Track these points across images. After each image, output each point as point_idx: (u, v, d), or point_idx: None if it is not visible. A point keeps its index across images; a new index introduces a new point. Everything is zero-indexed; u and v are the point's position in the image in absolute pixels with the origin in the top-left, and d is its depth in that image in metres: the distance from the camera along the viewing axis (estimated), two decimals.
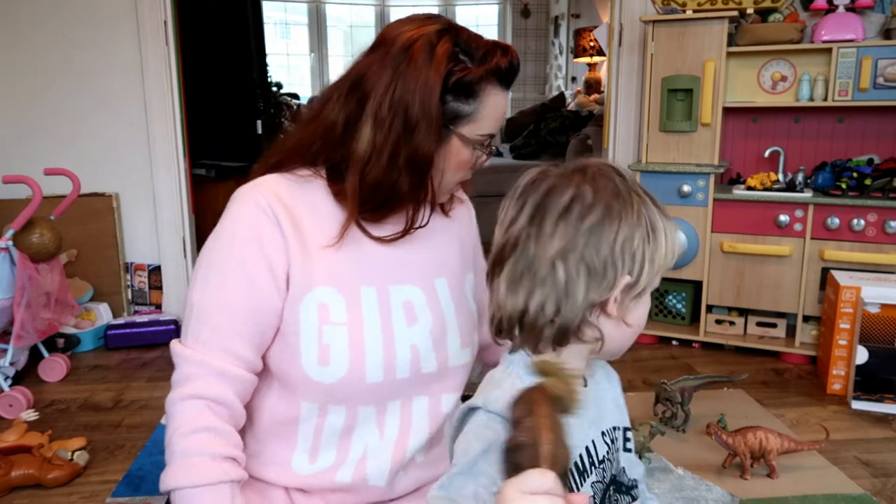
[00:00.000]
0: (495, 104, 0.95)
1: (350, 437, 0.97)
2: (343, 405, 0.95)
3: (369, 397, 0.96)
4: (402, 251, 1.00)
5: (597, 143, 4.05)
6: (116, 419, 2.14)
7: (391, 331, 0.96)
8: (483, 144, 0.96)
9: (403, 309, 0.98)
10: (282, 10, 7.29)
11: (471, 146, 0.95)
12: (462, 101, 0.93)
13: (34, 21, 2.88)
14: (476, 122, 0.94)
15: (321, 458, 0.97)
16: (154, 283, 3.07)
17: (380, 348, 0.95)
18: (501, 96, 0.96)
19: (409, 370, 0.97)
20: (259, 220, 0.93)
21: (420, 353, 0.98)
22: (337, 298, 0.94)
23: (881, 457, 1.87)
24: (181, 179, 3.01)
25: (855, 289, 2.20)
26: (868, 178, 2.42)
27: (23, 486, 1.74)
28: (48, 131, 2.95)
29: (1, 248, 2.22)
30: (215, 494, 0.86)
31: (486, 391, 0.70)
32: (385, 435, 0.98)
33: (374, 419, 0.98)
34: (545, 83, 6.86)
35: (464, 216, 1.14)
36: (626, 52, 2.94)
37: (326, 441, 0.97)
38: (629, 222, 0.68)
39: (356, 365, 0.93)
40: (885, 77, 2.36)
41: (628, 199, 0.69)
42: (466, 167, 0.98)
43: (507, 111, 1.03)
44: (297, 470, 0.97)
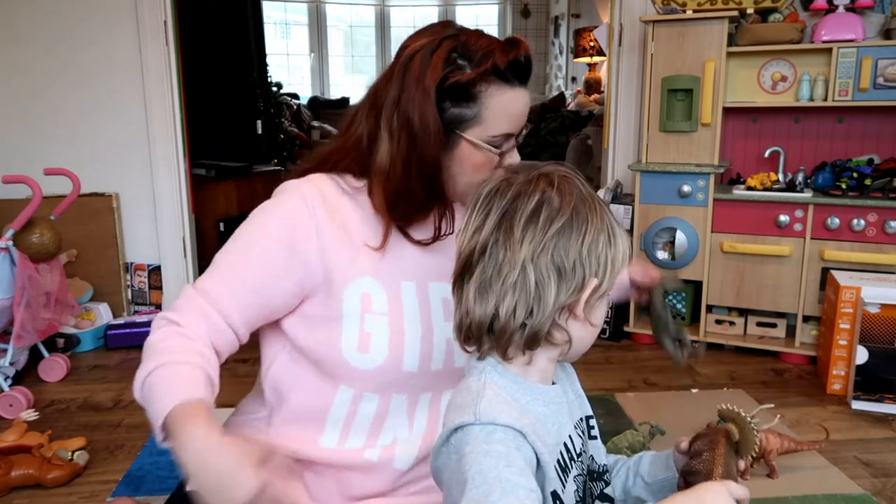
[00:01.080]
0: (503, 104, 0.94)
1: (381, 426, 1.00)
2: (377, 393, 0.98)
3: (403, 386, 0.99)
4: (441, 253, 1.01)
5: (597, 143, 4.05)
6: (116, 419, 2.14)
7: (430, 323, 0.99)
8: (497, 146, 0.95)
9: (442, 305, 1.01)
10: (282, 10, 7.29)
11: (483, 149, 0.95)
12: (463, 106, 0.93)
13: (34, 21, 2.88)
14: (482, 124, 0.94)
15: (352, 439, 1.00)
16: (154, 283, 3.07)
17: (418, 339, 0.98)
18: (511, 94, 0.95)
19: (443, 363, 1.00)
20: (299, 211, 0.96)
21: (454, 347, 0.99)
22: (378, 291, 0.97)
23: (881, 457, 1.87)
24: (181, 179, 3.01)
25: (855, 289, 2.20)
26: (868, 178, 2.42)
27: (23, 486, 1.74)
28: (48, 131, 2.95)
29: (1, 248, 2.22)
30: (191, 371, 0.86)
31: (470, 406, 0.69)
32: (414, 427, 1.01)
33: (405, 410, 1.01)
34: (545, 83, 6.86)
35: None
36: (626, 52, 2.94)
37: (357, 428, 1.00)
38: (595, 226, 0.70)
39: (395, 353, 0.96)
40: (885, 77, 2.36)
41: (592, 204, 0.71)
42: (486, 168, 0.96)
43: (526, 107, 0.99)
44: (324, 446, 1.00)
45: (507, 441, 0.66)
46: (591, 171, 4.28)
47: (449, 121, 0.93)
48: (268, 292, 0.95)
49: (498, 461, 0.64)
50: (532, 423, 0.70)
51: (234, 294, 0.94)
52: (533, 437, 0.68)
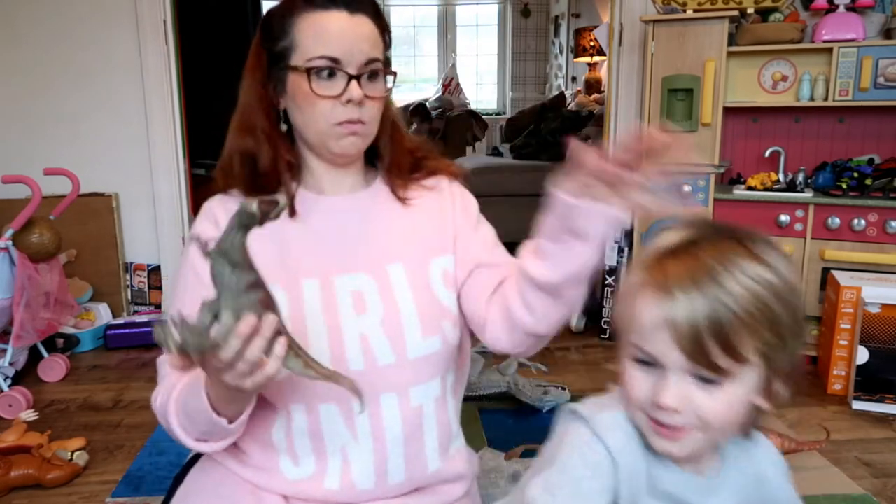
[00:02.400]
0: (312, 25, 0.95)
1: (322, 439, 0.96)
2: (302, 403, 0.95)
3: (326, 395, 0.93)
4: (349, 239, 1.00)
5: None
6: (116, 419, 2.14)
7: (337, 322, 0.95)
8: (320, 71, 0.94)
9: (352, 298, 0.97)
10: None
11: (301, 73, 0.95)
12: (280, 41, 0.97)
13: (34, 21, 2.87)
14: (297, 49, 0.96)
15: (303, 463, 0.97)
16: (154, 283, 3.06)
17: (325, 340, 0.94)
18: (322, 15, 0.95)
19: (362, 362, 0.95)
20: (208, 230, 0.99)
21: (371, 343, 0.95)
22: (278, 294, 0.91)
23: (881, 457, 1.87)
24: (181, 179, 3.01)
25: (855, 289, 2.20)
26: (868, 178, 2.42)
27: (22, 487, 1.74)
28: (48, 131, 2.95)
29: (0, 248, 2.22)
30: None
31: (596, 407, 0.70)
32: (358, 436, 0.96)
33: (340, 420, 0.95)
34: (545, 83, 6.86)
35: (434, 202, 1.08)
36: (627, 52, 2.94)
37: (300, 443, 0.97)
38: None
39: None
40: (885, 77, 2.36)
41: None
42: (320, 100, 0.95)
43: (347, 30, 0.95)
44: (287, 475, 0.97)
45: (606, 457, 0.66)
46: None
47: (274, 62, 0.98)
48: None
49: (585, 470, 0.65)
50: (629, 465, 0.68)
51: None
52: (625, 475, 0.67)
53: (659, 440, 0.67)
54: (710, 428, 0.65)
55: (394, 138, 1.08)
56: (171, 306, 0.99)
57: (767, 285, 0.62)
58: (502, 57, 6.97)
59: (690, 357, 0.62)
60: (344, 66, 0.94)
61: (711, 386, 0.63)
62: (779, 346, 0.63)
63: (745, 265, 0.63)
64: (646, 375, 0.66)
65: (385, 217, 1.04)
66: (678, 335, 0.62)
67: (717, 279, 0.62)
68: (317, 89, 0.94)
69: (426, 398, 1.00)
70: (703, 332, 0.61)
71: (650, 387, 0.65)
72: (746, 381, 0.64)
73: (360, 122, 0.97)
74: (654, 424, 0.66)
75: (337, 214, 1.03)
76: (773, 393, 0.67)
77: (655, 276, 0.65)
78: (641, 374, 0.66)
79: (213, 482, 0.99)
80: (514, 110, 6.57)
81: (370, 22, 0.97)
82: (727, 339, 0.61)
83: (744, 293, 0.61)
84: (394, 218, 1.05)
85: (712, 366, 0.62)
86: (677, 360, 0.63)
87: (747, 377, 0.64)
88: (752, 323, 0.61)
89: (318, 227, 1.01)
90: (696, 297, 0.61)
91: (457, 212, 1.08)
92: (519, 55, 6.86)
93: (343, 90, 0.94)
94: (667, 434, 0.66)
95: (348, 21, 0.95)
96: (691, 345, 0.62)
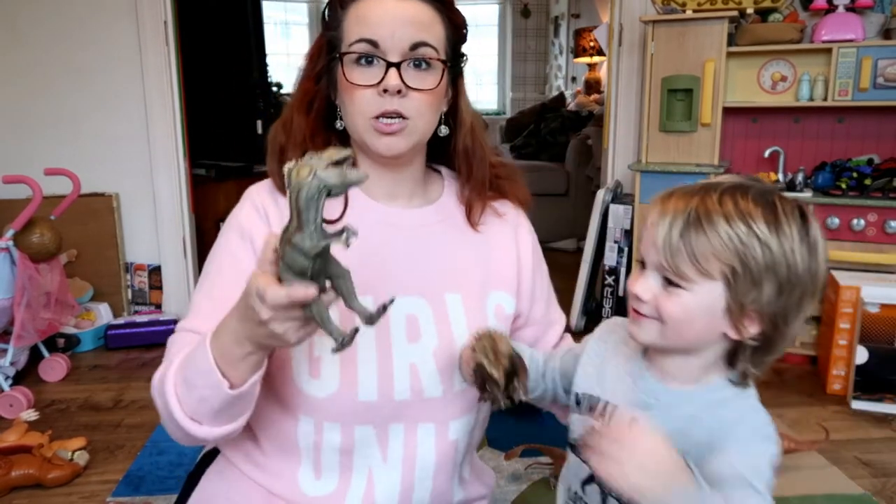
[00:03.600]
0: (357, 12, 0.88)
1: (351, 457, 0.92)
2: (338, 422, 0.90)
3: (365, 417, 0.90)
4: (407, 258, 0.93)
5: (597, 143, 4.05)
6: (116, 419, 2.14)
7: (388, 347, 0.90)
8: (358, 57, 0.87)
9: (405, 322, 0.91)
10: (282, 10, 7.29)
11: (350, 62, 0.88)
12: (333, 30, 0.91)
13: (34, 21, 2.88)
14: (344, 37, 0.89)
15: (326, 477, 0.93)
16: (154, 283, 3.06)
17: (374, 363, 0.89)
18: (368, 3, 0.88)
19: (409, 392, 0.90)
20: (251, 217, 0.93)
21: (421, 375, 0.90)
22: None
23: (881, 457, 1.87)
24: (181, 179, 3.01)
25: (855, 289, 2.20)
26: (868, 178, 2.43)
27: (23, 486, 1.74)
28: (48, 131, 2.95)
29: (1, 248, 2.22)
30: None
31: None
32: (389, 459, 0.92)
33: (374, 443, 0.91)
34: (545, 83, 6.86)
35: (501, 232, 1.02)
36: (626, 52, 2.94)
37: (328, 460, 0.92)
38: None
39: (348, 381, 0.88)
40: (885, 77, 2.36)
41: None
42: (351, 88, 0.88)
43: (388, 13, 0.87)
44: (304, 488, 0.93)
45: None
46: (591, 171, 4.28)
47: (329, 50, 0.92)
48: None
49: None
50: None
51: (218, 318, 0.82)
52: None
53: (630, 323, 0.79)
54: (666, 323, 0.75)
55: (474, 148, 0.98)
56: (200, 289, 0.92)
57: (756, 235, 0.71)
58: (502, 57, 6.97)
59: (665, 261, 0.73)
60: (383, 52, 0.86)
61: (673, 288, 0.74)
62: (745, 278, 0.71)
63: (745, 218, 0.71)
64: (636, 272, 0.79)
65: (450, 239, 0.97)
66: (657, 247, 0.73)
67: (709, 215, 0.72)
68: (350, 76, 0.87)
69: (462, 433, 0.96)
70: (676, 247, 0.72)
71: (635, 279, 0.78)
72: (704, 296, 0.73)
73: (401, 117, 0.87)
74: (632, 311, 0.79)
75: (397, 229, 0.95)
76: (742, 329, 0.73)
77: (666, 199, 0.76)
78: (636, 270, 0.79)
79: (225, 487, 0.97)
80: (514, 110, 6.58)
81: (428, 7, 0.89)
82: (695, 255, 0.71)
83: (725, 232, 0.71)
84: (461, 244, 0.98)
85: (679, 272, 0.72)
86: (653, 260, 0.75)
87: (706, 291, 0.73)
88: (721, 249, 0.71)
89: (375, 239, 0.92)
90: (678, 222, 0.73)
91: (524, 252, 1.04)
92: (519, 55, 6.86)
93: (381, 79, 0.86)
94: (634, 317, 0.78)
95: (394, 4, 0.87)
96: (666, 253, 0.73)
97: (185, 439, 0.84)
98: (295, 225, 0.66)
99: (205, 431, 0.82)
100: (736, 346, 0.76)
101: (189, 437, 0.83)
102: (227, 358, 0.77)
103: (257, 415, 0.94)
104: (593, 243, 2.91)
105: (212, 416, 0.81)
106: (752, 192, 0.73)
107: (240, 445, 0.98)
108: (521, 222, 1.06)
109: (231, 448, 0.99)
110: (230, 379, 0.78)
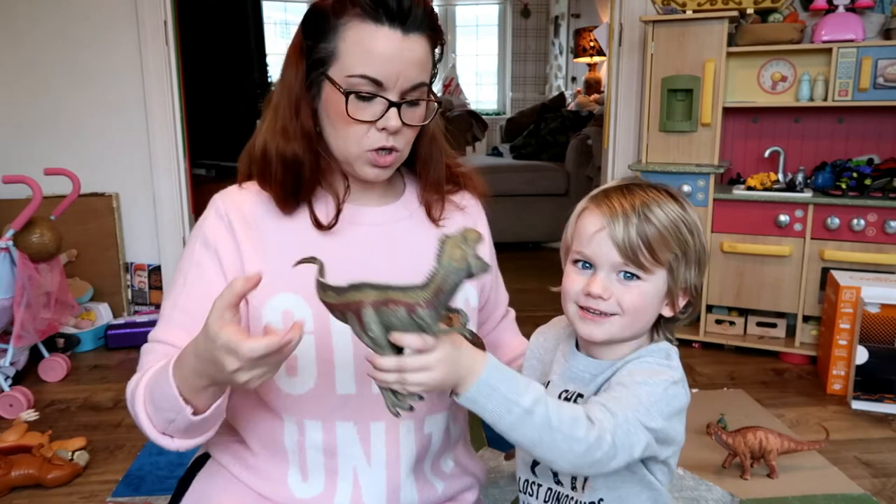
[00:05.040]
0: (361, 38, 0.85)
1: (335, 459, 0.94)
2: (319, 420, 0.92)
3: (345, 412, 0.92)
4: (376, 255, 0.96)
5: (597, 143, 4.05)
6: (116, 419, 2.14)
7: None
8: (359, 92, 0.86)
9: None
10: (282, 10, 7.29)
11: (341, 91, 0.87)
12: (322, 41, 0.87)
13: (34, 20, 2.88)
14: (339, 60, 0.86)
15: (312, 479, 0.95)
16: (154, 283, 3.07)
17: (351, 357, 0.91)
18: (373, 30, 0.85)
19: None
20: (217, 227, 0.94)
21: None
22: (302, 307, 0.90)
23: (881, 457, 1.87)
24: (181, 179, 3.01)
25: (855, 289, 2.20)
26: (868, 178, 2.42)
27: (23, 486, 1.74)
28: (48, 131, 2.95)
29: (1, 248, 2.22)
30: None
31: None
32: (373, 461, 0.94)
33: (357, 441, 0.93)
34: (545, 83, 6.86)
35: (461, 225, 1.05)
36: (626, 52, 2.94)
37: (313, 461, 0.94)
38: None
39: (325, 375, 0.90)
40: (885, 77, 2.36)
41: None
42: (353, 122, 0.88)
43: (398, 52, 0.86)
44: (294, 490, 0.95)
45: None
46: (591, 171, 4.28)
47: (313, 62, 0.89)
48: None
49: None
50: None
51: (188, 329, 0.84)
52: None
53: (584, 325, 0.84)
54: (627, 314, 0.82)
55: (434, 153, 1.01)
56: (168, 299, 0.93)
57: (678, 214, 0.83)
58: (502, 57, 6.97)
59: (623, 254, 0.81)
60: (385, 91, 0.87)
61: (632, 280, 0.82)
62: (682, 261, 0.83)
63: (664, 201, 0.83)
64: (580, 275, 0.84)
65: (417, 236, 1.00)
66: (615, 235, 0.81)
67: (645, 203, 0.82)
68: (352, 112, 0.87)
69: (437, 427, 0.99)
70: (633, 236, 0.81)
71: (583, 282, 0.84)
72: (656, 282, 0.83)
73: (394, 150, 0.91)
74: (582, 311, 0.84)
75: (366, 228, 0.97)
76: (675, 303, 0.85)
77: (601, 203, 0.84)
78: (577, 274, 0.85)
79: (217, 491, 0.97)
80: (514, 110, 6.58)
81: (424, 42, 0.89)
82: (649, 242, 0.81)
83: (661, 213, 0.82)
84: (427, 238, 0.99)
85: (639, 264, 0.81)
86: (610, 257, 0.81)
87: (658, 278, 0.83)
88: (667, 238, 0.82)
89: (345, 239, 0.95)
90: (628, 209, 0.81)
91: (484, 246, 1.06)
92: (519, 55, 6.86)
93: (380, 116, 0.88)
94: (591, 318, 0.83)
95: (400, 43, 0.86)
96: (625, 243, 0.81)
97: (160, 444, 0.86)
98: (427, 298, 0.67)
99: (176, 444, 0.84)
100: (658, 320, 0.87)
101: (162, 445, 0.85)
102: (189, 387, 0.78)
103: (245, 418, 0.97)
104: None
105: (181, 433, 0.83)
106: (655, 187, 0.86)
107: (230, 449, 1.00)
108: (479, 214, 1.11)
109: (221, 451, 1.00)
110: (193, 405, 0.80)
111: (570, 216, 0.88)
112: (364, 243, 0.97)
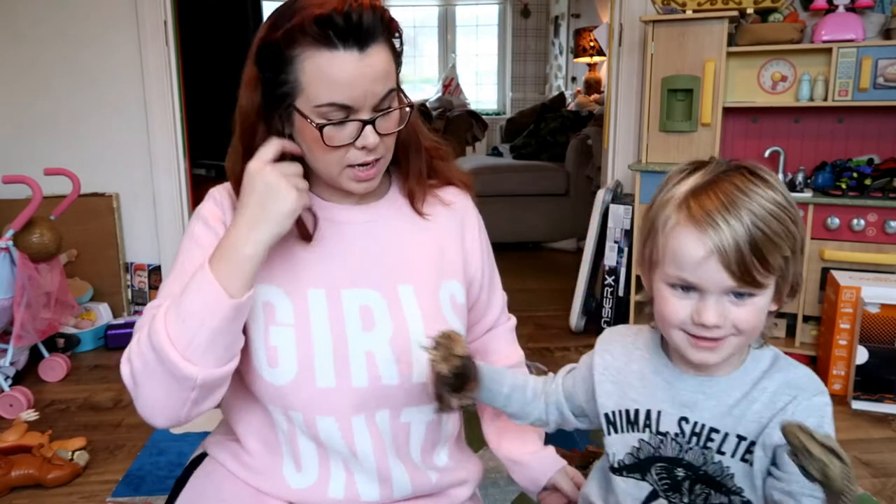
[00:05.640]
0: (319, 67, 0.83)
1: (325, 448, 0.94)
2: (300, 412, 0.92)
3: (325, 407, 0.92)
4: (359, 253, 0.96)
5: (597, 143, 4.05)
6: (116, 419, 2.14)
7: (343, 336, 0.92)
8: (330, 118, 0.86)
9: (359, 313, 0.94)
10: None
11: (313, 124, 0.86)
12: (281, 72, 0.86)
13: (34, 20, 2.88)
14: (304, 92, 0.85)
15: (306, 469, 0.95)
16: (154, 283, 3.07)
17: (329, 351, 0.91)
18: (328, 57, 0.83)
19: (366, 379, 0.92)
20: (213, 212, 0.96)
21: (377, 361, 0.92)
22: (283, 300, 0.92)
23: (881, 457, 1.87)
24: (181, 179, 3.01)
25: (855, 289, 2.20)
26: (868, 178, 2.42)
27: (23, 486, 1.74)
28: (48, 131, 2.95)
29: (1, 248, 2.22)
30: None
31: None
32: (359, 454, 0.94)
33: (339, 435, 0.93)
34: (545, 83, 6.86)
35: (450, 221, 1.05)
36: (626, 52, 2.94)
37: (304, 450, 0.95)
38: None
39: (305, 367, 0.91)
40: (885, 77, 2.36)
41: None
42: (331, 148, 0.87)
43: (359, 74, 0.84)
44: (290, 481, 0.96)
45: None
46: (591, 171, 4.28)
47: (277, 96, 0.88)
48: None
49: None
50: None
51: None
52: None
53: (697, 352, 0.77)
54: (744, 334, 0.75)
55: (413, 145, 1.01)
56: (168, 276, 0.94)
57: (780, 205, 0.73)
58: (502, 57, 6.97)
59: (738, 278, 0.72)
60: (357, 112, 0.86)
61: (745, 298, 0.74)
62: (792, 259, 0.75)
63: (760, 191, 0.73)
64: (683, 300, 0.76)
65: (400, 232, 1.00)
66: (727, 260, 0.71)
67: (745, 206, 0.72)
68: (328, 140, 0.87)
69: (415, 418, 0.98)
70: (745, 254, 0.71)
71: (689, 308, 0.75)
72: (769, 291, 0.75)
73: (376, 160, 0.91)
74: (694, 339, 0.76)
75: (347, 226, 0.98)
76: (781, 299, 0.78)
77: (694, 213, 0.73)
78: (678, 298, 0.76)
79: (214, 487, 0.98)
80: (514, 110, 6.58)
81: (383, 49, 0.87)
82: (763, 256, 0.72)
83: (766, 214, 0.72)
84: (409, 234, 1.00)
85: (754, 282, 0.72)
86: (722, 283, 0.73)
87: (770, 286, 0.75)
88: (776, 239, 0.72)
89: (327, 236, 0.96)
90: (735, 224, 0.71)
91: (470, 238, 1.06)
92: (519, 55, 6.86)
93: (357, 135, 0.87)
94: (707, 345, 0.76)
95: (359, 62, 0.84)
96: (738, 266, 0.71)
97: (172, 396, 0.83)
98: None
99: (196, 371, 0.81)
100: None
101: (177, 386, 0.82)
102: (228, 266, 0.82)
103: (238, 413, 0.99)
104: (593, 243, 2.91)
105: (205, 349, 0.81)
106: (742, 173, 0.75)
107: (226, 447, 1.01)
108: (468, 208, 1.08)
109: (218, 449, 1.02)
110: (229, 291, 0.81)
111: (650, 224, 0.79)
112: (345, 240, 0.97)
